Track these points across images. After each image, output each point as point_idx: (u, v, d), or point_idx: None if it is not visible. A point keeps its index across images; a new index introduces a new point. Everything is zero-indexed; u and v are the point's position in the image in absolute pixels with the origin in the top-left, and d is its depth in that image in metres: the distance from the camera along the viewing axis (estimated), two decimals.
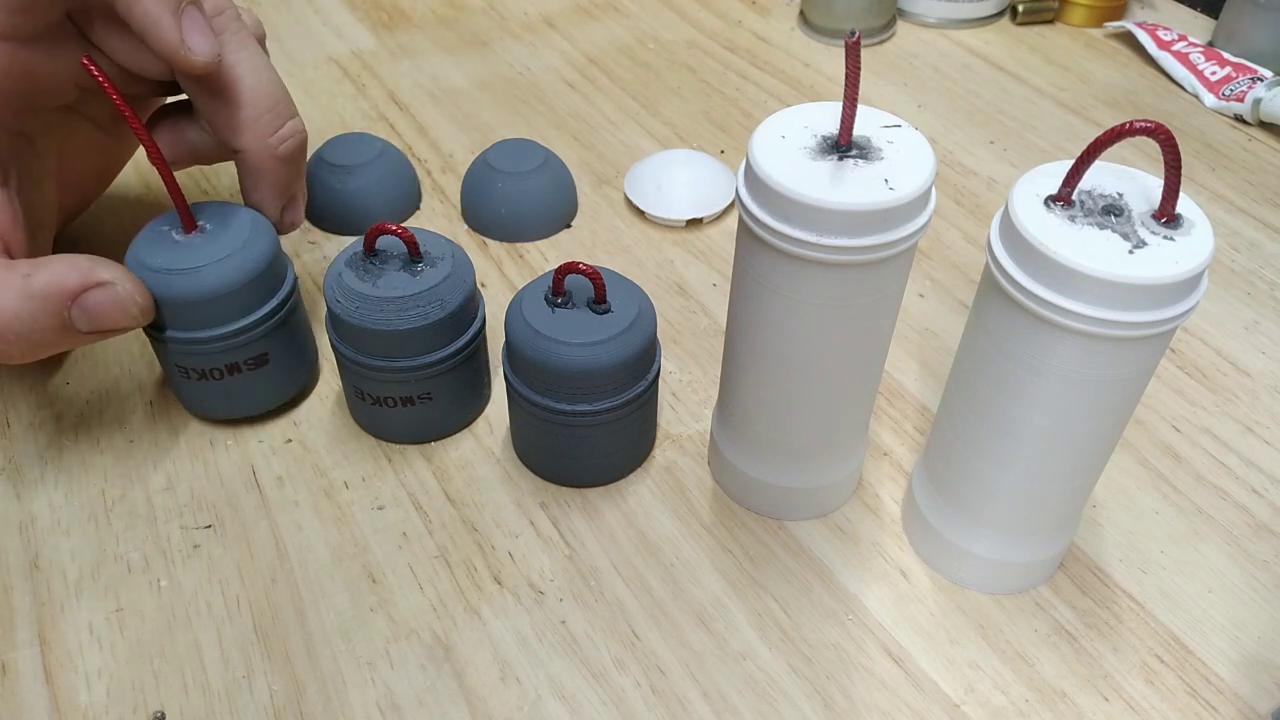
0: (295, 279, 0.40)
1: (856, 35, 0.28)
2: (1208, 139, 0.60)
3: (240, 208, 0.39)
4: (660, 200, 0.52)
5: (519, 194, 0.50)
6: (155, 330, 0.37)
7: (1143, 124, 0.26)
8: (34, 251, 0.38)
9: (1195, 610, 0.36)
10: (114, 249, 0.49)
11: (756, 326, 0.32)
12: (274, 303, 0.38)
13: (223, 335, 0.37)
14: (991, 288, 0.29)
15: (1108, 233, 0.27)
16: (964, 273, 0.50)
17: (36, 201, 0.40)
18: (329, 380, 0.43)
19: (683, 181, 0.52)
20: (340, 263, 0.37)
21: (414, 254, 0.37)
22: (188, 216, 0.37)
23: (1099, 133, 0.27)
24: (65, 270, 0.34)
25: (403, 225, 0.38)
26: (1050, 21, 0.72)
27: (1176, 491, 0.40)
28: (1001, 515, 0.34)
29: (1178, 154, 0.26)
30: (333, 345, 0.38)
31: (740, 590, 0.36)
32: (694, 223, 0.52)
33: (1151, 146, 0.57)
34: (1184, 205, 0.28)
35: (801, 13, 0.70)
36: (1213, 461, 0.41)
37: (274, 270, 0.38)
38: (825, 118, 0.31)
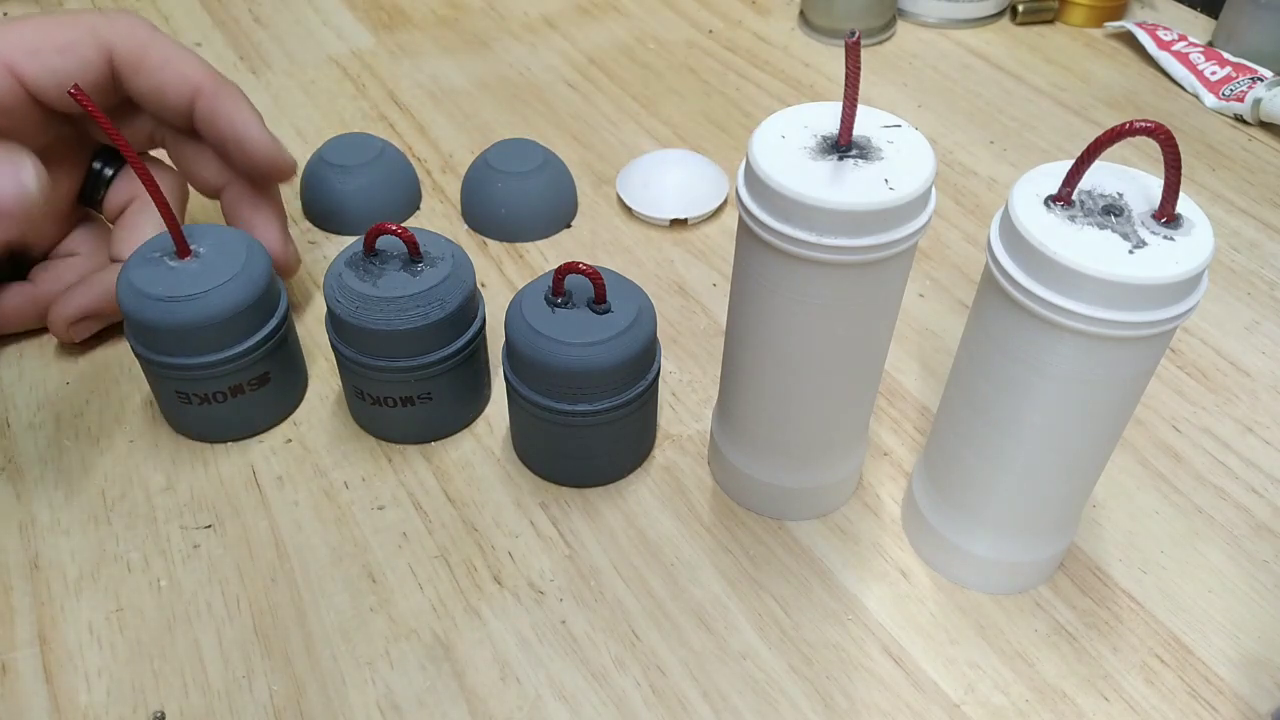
0: (286, 296, 0.40)
1: (856, 35, 0.28)
2: (1208, 139, 0.60)
3: (231, 230, 0.39)
4: (646, 199, 0.52)
5: (519, 194, 0.50)
6: (153, 356, 0.37)
7: (1143, 124, 0.26)
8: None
9: (1195, 610, 0.36)
10: None
11: (756, 326, 0.32)
12: (274, 322, 0.39)
13: (229, 358, 0.37)
14: (991, 288, 0.29)
15: (1108, 233, 0.27)
16: (964, 273, 0.50)
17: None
18: (329, 380, 0.43)
19: (671, 181, 0.52)
20: (340, 263, 0.37)
21: (414, 254, 0.37)
22: (182, 242, 0.37)
23: (1099, 133, 0.26)
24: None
25: (403, 225, 0.38)
26: (1050, 21, 0.72)
27: (1176, 491, 0.40)
28: (1001, 515, 0.34)
29: (1178, 154, 0.26)
30: (333, 345, 0.38)
31: (740, 590, 0.36)
32: (678, 223, 0.52)
33: (1151, 146, 0.57)
34: (1184, 205, 0.28)
35: (801, 13, 0.70)
36: (1213, 461, 0.41)
37: (272, 290, 0.39)
38: (825, 118, 0.31)
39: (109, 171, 0.43)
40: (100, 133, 0.40)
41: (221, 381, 0.38)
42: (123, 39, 0.39)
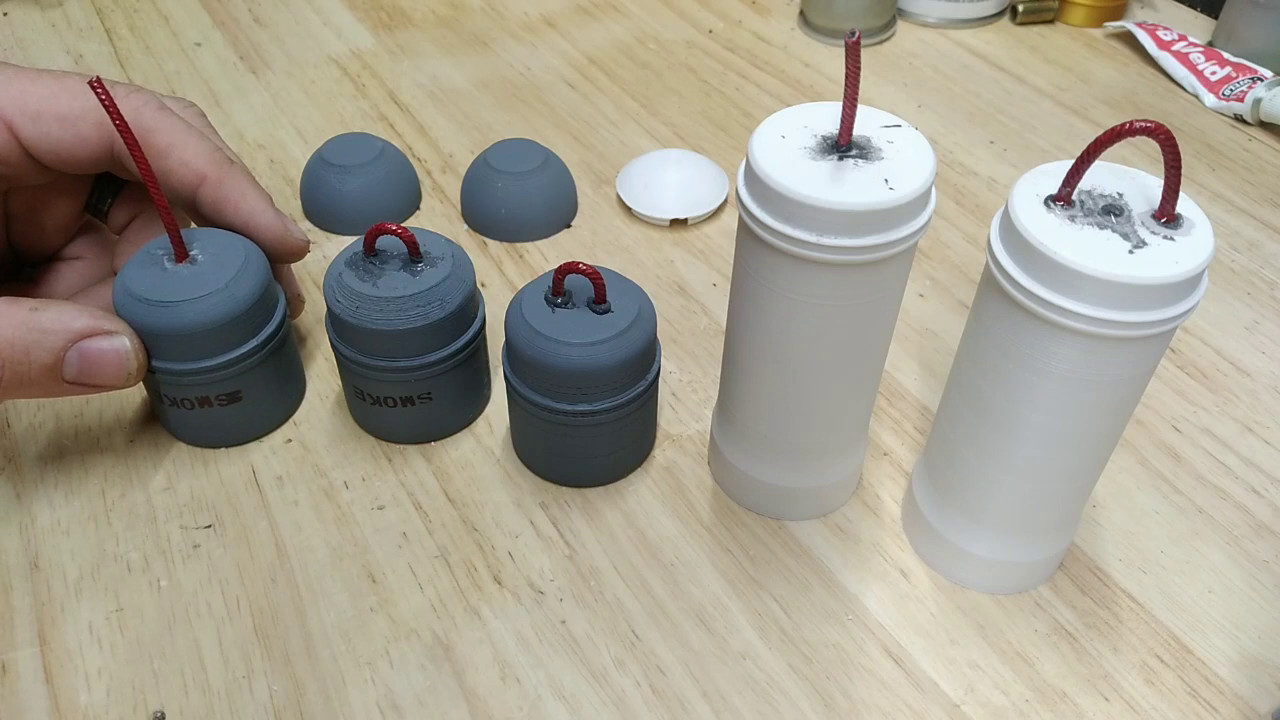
0: (285, 316, 0.39)
1: (856, 35, 0.28)
2: (1208, 139, 0.60)
3: (237, 239, 0.38)
4: (646, 199, 0.52)
5: (519, 194, 0.50)
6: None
7: (1143, 124, 0.26)
8: None
9: (1195, 610, 0.36)
10: None
11: (756, 326, 0.32)
12: (254, 342, 0.38)
13: (196, 370, 0.37)
14: (991, 288, 0.29)
15: (1108, 233, 0.27)
16: (964, 273, 0.50)
17: None
18: (329, 380, 0.43)
19: (671, 181, 0.52)
20: (340, 263, 0.37)
21: (414, 254, 0.37)
22: (180, 245, 0.37)
23: (1099, 133, 0.26)
24: (74, 312, 0.35)
25: (403, 225, 0.38)
26: (1050, 21, 0.72)
27: (1176, 491, 0.40)
28: (1001, 515, 0.34)
29: (1178, 154, 0.26)
30: (333, 345, 0.38)
31: (740, 590, 0.36)
32: (678, 223, 0.52)
33: (1151, 146, 0.57)
34: (1184, 205, 0.28)
35: (801, 13, 0.70)
36: (1213, 461, 0.41)
37: (259, 308, 0.38)
38: (825, 118, 0.31)
39: (115, 185, 0.42)
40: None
41: (189, 390, 0.38)
42: (128, 121, 0.38)
